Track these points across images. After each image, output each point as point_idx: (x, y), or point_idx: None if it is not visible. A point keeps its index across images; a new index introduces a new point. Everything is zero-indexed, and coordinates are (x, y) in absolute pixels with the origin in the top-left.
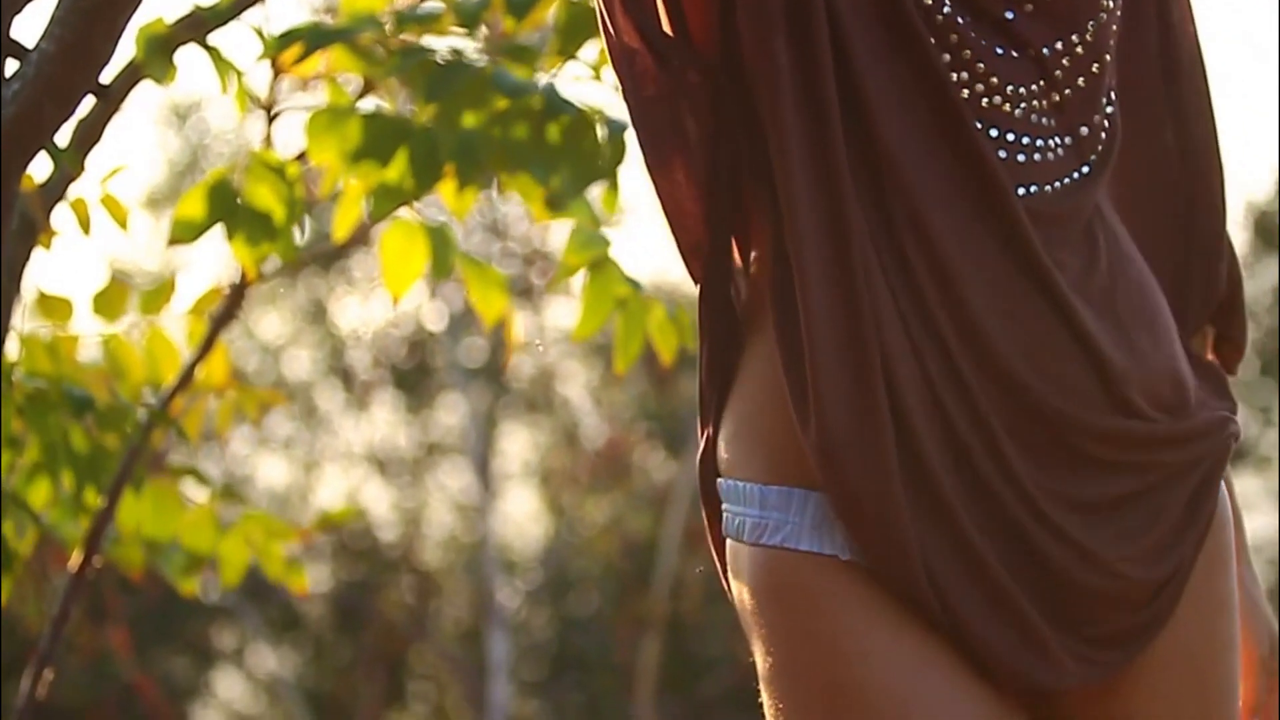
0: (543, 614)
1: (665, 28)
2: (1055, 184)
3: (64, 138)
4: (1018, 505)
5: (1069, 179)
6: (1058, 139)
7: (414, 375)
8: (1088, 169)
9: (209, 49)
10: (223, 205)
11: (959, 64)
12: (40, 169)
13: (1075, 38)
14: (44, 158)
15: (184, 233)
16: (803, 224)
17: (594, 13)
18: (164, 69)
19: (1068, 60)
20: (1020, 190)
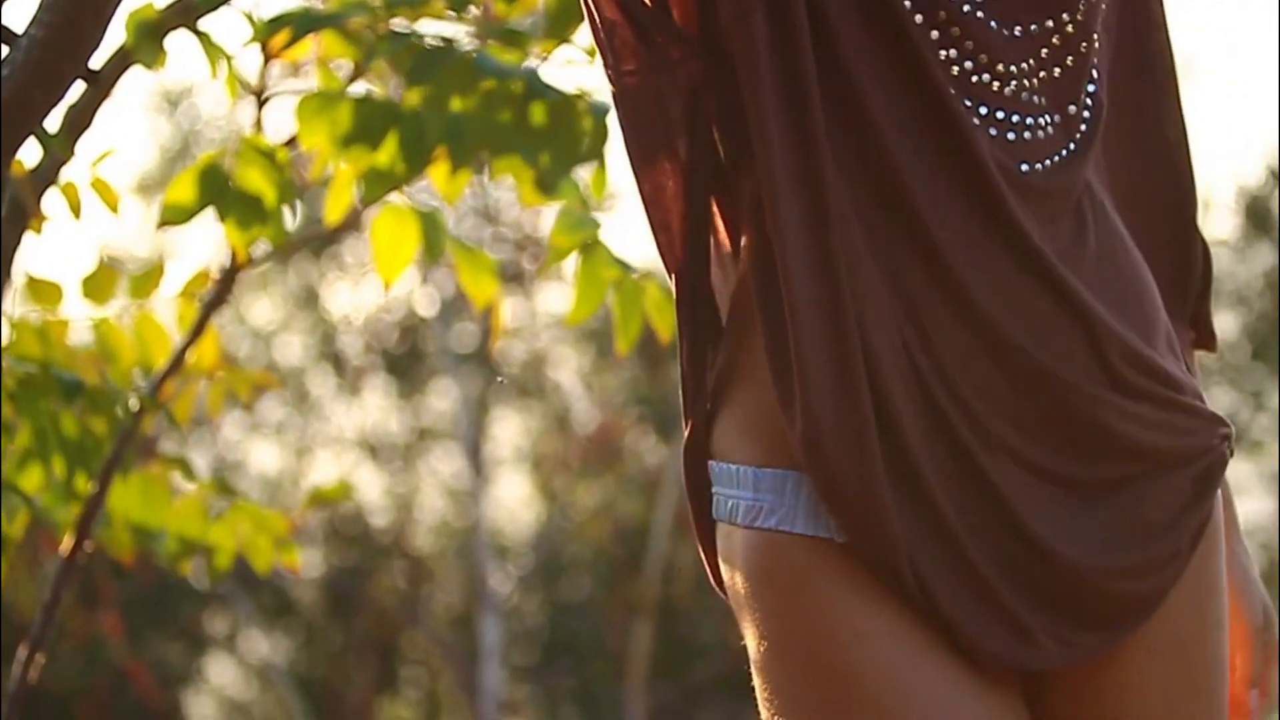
0: (534, 599)
1: (645, 0)
2: (1046, 161)
3: (54, 123)
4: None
5: (1059, 156)
6: (1047, 116)
7: (406, 360)
8: (1074, 145)
9: (199, 34)
10: (213, 189)
11: (947, 41)
12: (31, 154)
13: (1066, 16)
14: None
15: (174, 216)
16: (783, 208)
17: None
18: (154, 54)
19: (1057, 39)
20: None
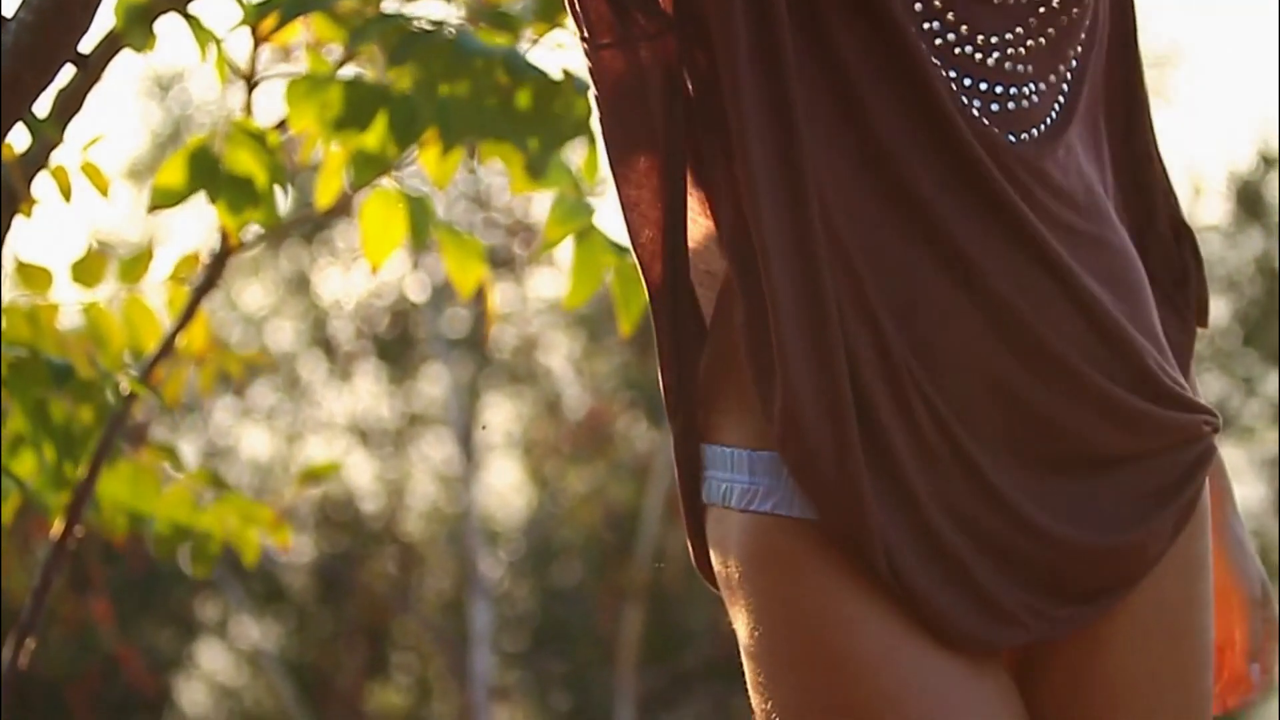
0: (525, 584)
1: None
2: (1032, 131)
3: (44, 107)
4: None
5: (1044, 125)
6: (1032, 85)
7: (397, 346)
8: (1058, 111)
9: (188, 17)
10: (203, 172)
11: (930, 13)
12: (20, 138)
13: None
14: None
15: (164, 199)
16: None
17: None
18: (144, 38)
19: (1043, 9)
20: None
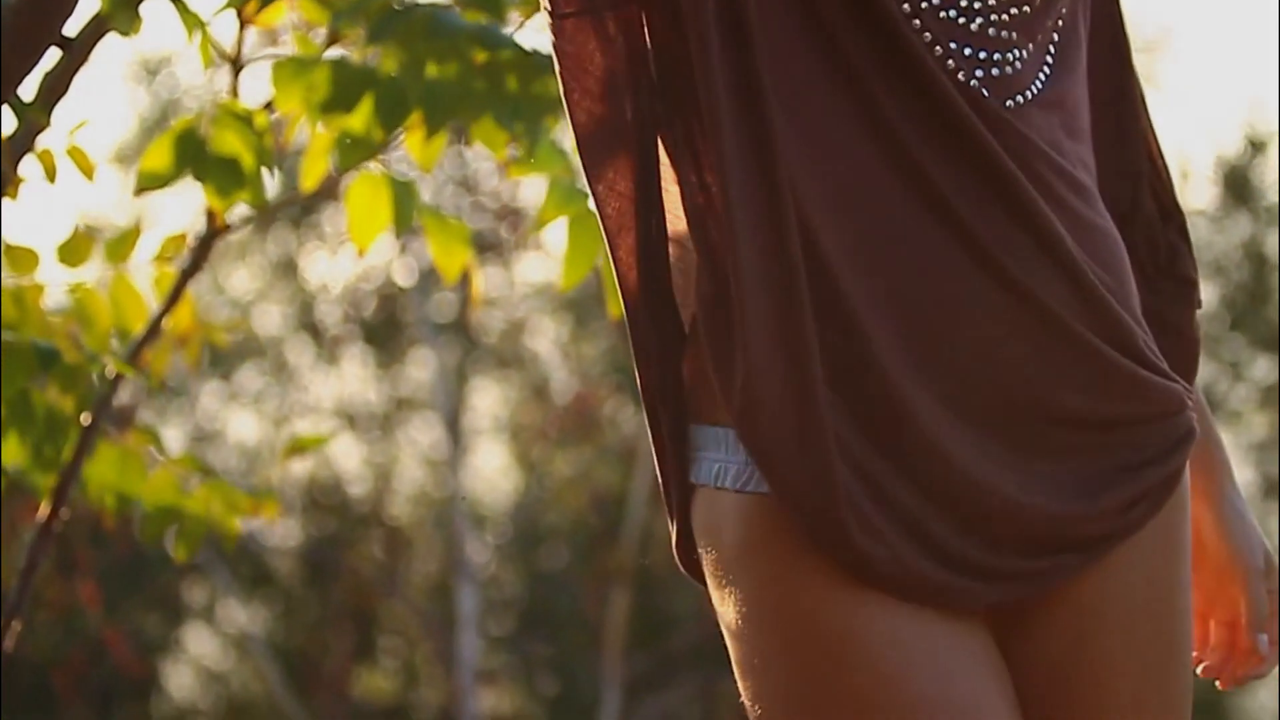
0: (512, 569)
1: None
2: (1019, 97)
3: (30, 90)
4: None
5: (1031, 90)
6: (1017, 51)
7: (384, 330)
8: (1046, 75)
9: (175, 1)
10: (190, 154)
11: None
12: (6, 122)
13: None
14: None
15: (151, 181)
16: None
17: None
18: (129, 21)
19: None
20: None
